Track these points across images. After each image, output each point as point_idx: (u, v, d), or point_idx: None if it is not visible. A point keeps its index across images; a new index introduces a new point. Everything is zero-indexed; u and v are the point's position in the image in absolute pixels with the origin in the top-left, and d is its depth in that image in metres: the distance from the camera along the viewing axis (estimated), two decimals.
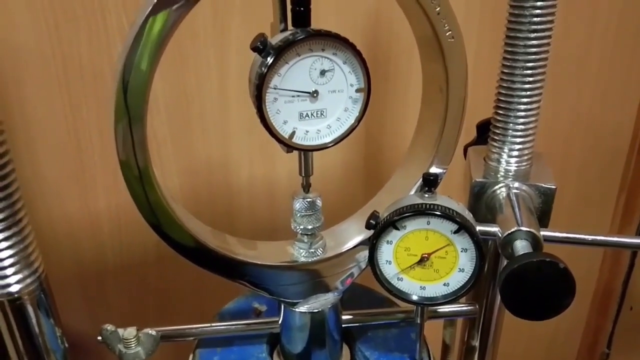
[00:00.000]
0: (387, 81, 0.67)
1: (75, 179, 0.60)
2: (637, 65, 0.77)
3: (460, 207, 0.36)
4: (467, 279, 0.36)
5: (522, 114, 0.44)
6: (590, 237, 0.39)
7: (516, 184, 0.43)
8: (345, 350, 0.45)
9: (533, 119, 0.44)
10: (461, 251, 0.36)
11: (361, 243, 0.41)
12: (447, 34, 0.37)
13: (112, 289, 0.67)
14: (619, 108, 0.80)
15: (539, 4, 0.40)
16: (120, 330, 0.39)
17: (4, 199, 0.32)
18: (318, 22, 0.34)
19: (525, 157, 0.45)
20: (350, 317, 0.44)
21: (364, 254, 0.40)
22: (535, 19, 0.41)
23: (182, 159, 0.63)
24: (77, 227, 0.62)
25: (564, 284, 0.32)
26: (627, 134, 0.83)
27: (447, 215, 0.35)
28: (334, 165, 0.69)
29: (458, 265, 0.36)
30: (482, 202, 0.44)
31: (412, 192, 0.41)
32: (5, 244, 0.32)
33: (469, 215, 0.36)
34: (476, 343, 0.53)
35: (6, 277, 0.33)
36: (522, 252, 0.35)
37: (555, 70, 0.73)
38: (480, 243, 0.35)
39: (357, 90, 0.34)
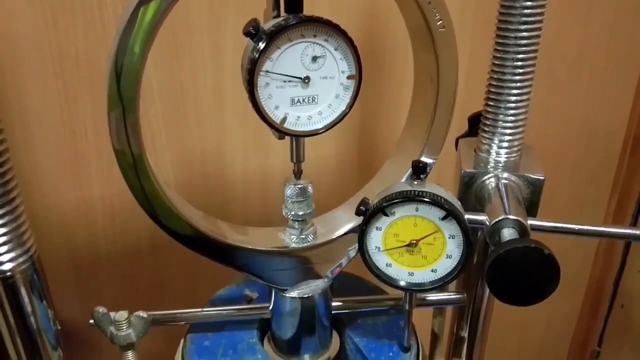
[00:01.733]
0: (382, 75, 0.67)
1: (70, 168, 0.60)
2: (630, 68, 0.78)
3: (448, 195, 0.36)
4: (454, 266, 0.37)
5: (512, 105, 0.44)
6: (577, 227, 0.40)
7: (505, 175, 0.44)
8: (335, 337, 0.46)
9: (523, 110, 0.45)
10: (449, 238, 0.36)
11: (352, 230, 0.42)
12: (438, 23, 0.37)
13: (105, 278, 0.67)
14: (613, 110, 0.81)
15: None
16: (112, 313, 0.39)
17: None
18: (313, 12, 0.34)
19: (515, 149, 0.45)
20: (340, 303, 0.44)
21: (355, 241, 0.41)
22: (525, 11, 0.41)
23: (176, 150, 0.64)
24: (71, 215, 0.63)
25: (549, 270, 0.33)
26: (620, 136, 0.84)
27: (436, 201, 0.35)
28: (329, 158, 0.70)
29: (446, 252, 0.36)
30: (471, 192, 0.45)
31: (403, 180, 0.42)
32: None
33: (457, 203, 0.36)
34: (465, 334, 0.54)
35: None
36: (509, 239, 0.36)
37: (549, 71, 0.74)
38: (467, 230, 0.35)
39: (349, 77, 0.35)
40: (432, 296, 0.45)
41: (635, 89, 0.80)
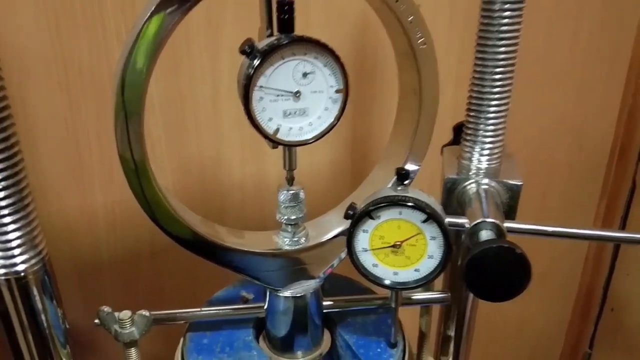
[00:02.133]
0: (373, 86, 0.70)
1: (74, 176, 0.63)
2: (617, 77, 0.81)
3: (429, 199, 0.39)
4: (436, 265, 0.39)
5: (492, 115, 0.47)
6: (550, 229, 0.42)
7: (485, 180, 0.47)
8: (327, 335, 0.48)
9: (502, 120, 0.47)
10: (430, 239, 0.39)
11: (341, 233, 0.44)
12: (419, 40, 0.40)
13: (106, 282, 0.69)
14: (601, 118, 0.83)
15: (506, 13, 0.44)
16: (117, 313, 0.42)
17: (13, 185, 0.35)
18: (310, 30, 0.37)
19: (495, 156, 0.48)
20: (331, 303, 0.47)
21: (344, 244, 0.43)
22: (503, 28, 0.44)
23: (175, 158, 0.66)
24: (74, 221, 0.65)
25: (521, 268, 0.36)
26: (608, 143, 0.86)
27: (418, 205, 0.38)
28: (323, 166, 0.72)
29: (427, 252, 0.39)
30: (454, 197, 0.47)
31: (388, 186, 0.44)
32: (13, 227, 0.36)
33: (437, 207, 0.39)
34: (452, 333, 0.57)
35: (14, 257, 0.36)
36: (484, 240, 0.38)
37: (539, 81, 0.77)
38: (447, 231, 0.38)
39: (337, 91, 0.38)
40: (418, 295, 0.47)
41: (621, 98, 0.83)
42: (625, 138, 0.85)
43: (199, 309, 0.46)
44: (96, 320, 0.42)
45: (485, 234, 0.40)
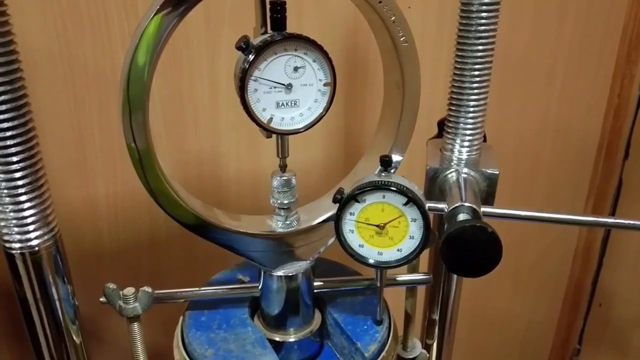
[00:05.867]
0: (365, 84, 0.73)
1: (77, 168, 0.66)
2: (602, 77, 0.84)
3: (411, 185, 0.42)
4: (416, 245, 0.42)
5: (472, 109, 0.50)
6: (523, 213, 0.46)
7: (465, 170, 0.50)
8: (317, 314, 0.51)
9: (481, 114, 0.51)
10: (411, 221, 0.42)
11: (330, 217, 0.48)
12: (402, 39, 0.44)
13: (108, 271, 0.72)
14: (586, 116, 0.86)
15: (483, 14, 0.47)
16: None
17: (30, 167, 0.38)
18: (302, 28, 0.40)
19: (475, 147, 0.51)
20: (321, 283, 0.50)
21: (333, 229, 0.46)
22: (480, 27, 0.48)
23: (175, 153, 0.69)
24: (77, 213, 0.67)
25: (492, 246, 0.39)
26: (595, 141, 0.89)
27: (399, 190, 0.41)
28: (317, 161, 0.75)
29: (409, 233, 0.42)
30: (436, 185, 0.51)
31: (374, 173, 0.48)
32: (28, 204, 0.39)
33: (418, 191, 0.42)
34: (436, 317, 0.60)
35: (28, 232, 0.40)
36: (459, 220, 0.42)
37: (525, 81, 0.80)
38: (426, 213, 0.41)
39: (325, 85, 0.41)
40: (403, 277, 0.51)
41: (607, 95, 0.86)
42: (612, 136, 0.88)
43: (198, 289, 0.49)
44: (102, 298, 0.45)
45: (462, 216, 0.43)
